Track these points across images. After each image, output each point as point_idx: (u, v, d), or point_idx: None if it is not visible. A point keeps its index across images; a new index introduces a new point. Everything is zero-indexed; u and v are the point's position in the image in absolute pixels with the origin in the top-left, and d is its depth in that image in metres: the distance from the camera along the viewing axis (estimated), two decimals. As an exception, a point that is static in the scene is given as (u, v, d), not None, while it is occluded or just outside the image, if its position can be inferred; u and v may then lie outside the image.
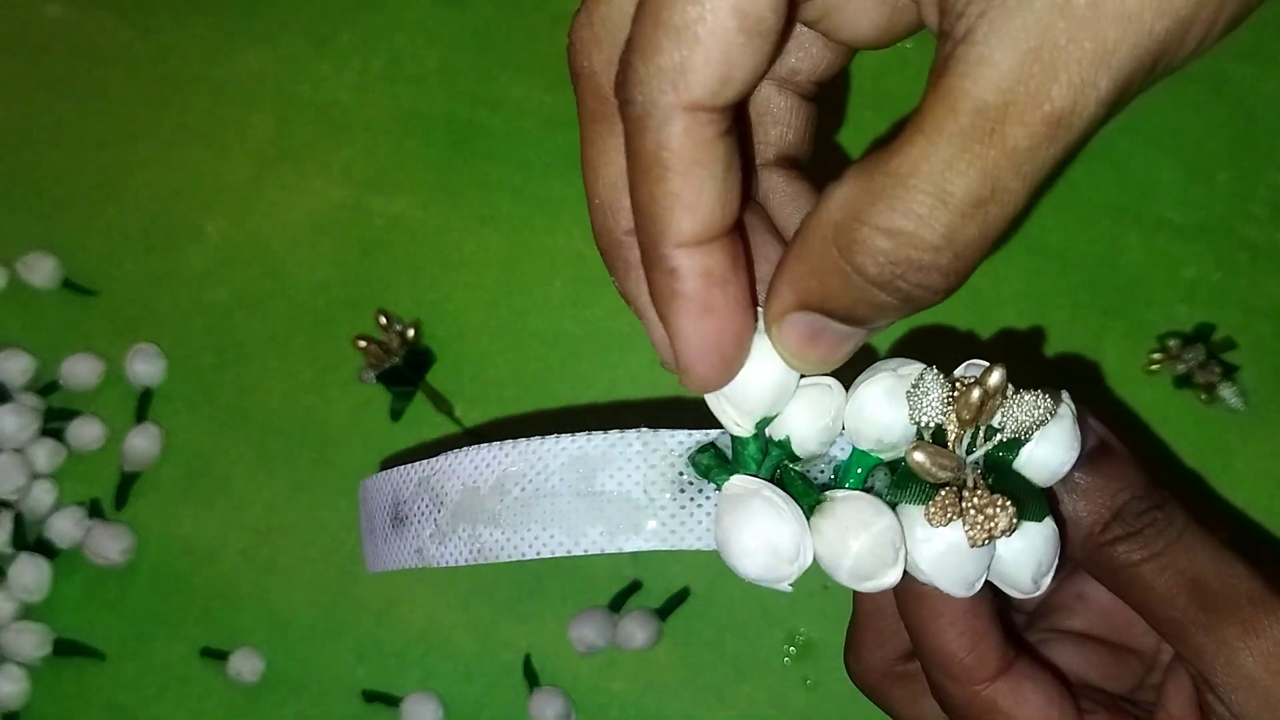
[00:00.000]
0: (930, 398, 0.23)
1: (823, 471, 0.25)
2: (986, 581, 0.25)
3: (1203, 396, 0.44)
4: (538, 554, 0.25)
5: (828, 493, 0.24)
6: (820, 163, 0.47)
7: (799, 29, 0.27)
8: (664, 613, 0.44)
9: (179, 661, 0.45)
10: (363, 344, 0.46)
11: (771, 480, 0.24)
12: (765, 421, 0.25)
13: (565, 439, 0.25)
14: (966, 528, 0.23)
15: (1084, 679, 0.29)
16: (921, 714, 0.29)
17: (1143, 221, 0.47)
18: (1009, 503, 0.23)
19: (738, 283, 0.24)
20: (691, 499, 0.25)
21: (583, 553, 0.24)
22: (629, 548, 0.24)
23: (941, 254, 0.21)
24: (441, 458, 0.26)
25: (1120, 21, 0.19)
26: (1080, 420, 0.25)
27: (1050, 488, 0.26)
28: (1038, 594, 0.25)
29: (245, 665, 0.45)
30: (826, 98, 0.28)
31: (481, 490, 0.25)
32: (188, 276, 0.49)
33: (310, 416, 0.47)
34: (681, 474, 0.25)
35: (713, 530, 0.24)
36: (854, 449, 0.25)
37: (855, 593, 0.30)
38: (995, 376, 0.23)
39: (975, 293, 0.46)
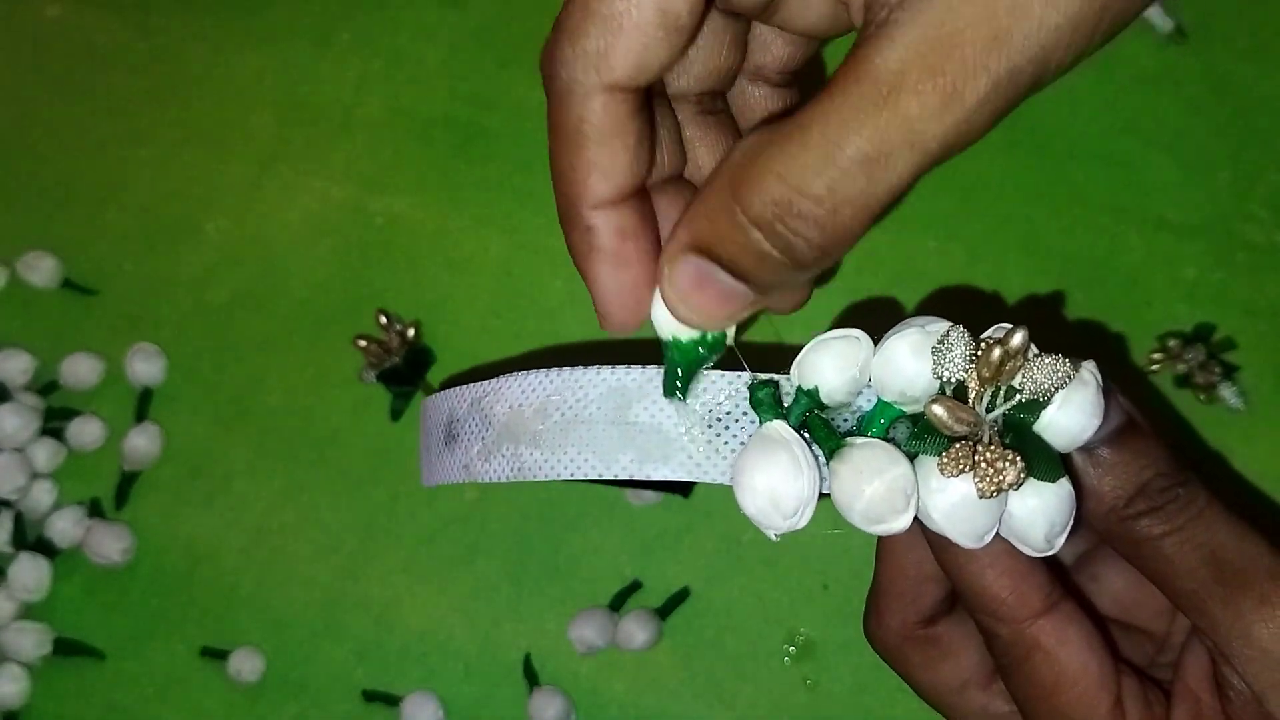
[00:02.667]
0: (954, 354, 0.24)
1: (846, 420, 0.26)
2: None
3: (1202, 396, 0.44)
4: (572, 475, 0.26)
5: (849, 439, 0.25)
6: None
7: (759, 28, 0.28)
8: (664, 613, 0.44)
9: (179, 661, 0.45)
10: (363, 344, 0.46)
11: (800, 425, 0.26)
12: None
13: (606, 370, 0.27)
14: (976, 479, 0.24)
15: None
16: (939, 678, 0.30)
17: (1143, 221, 0.47)
18: (1018, 457, 0.24)
19: (646, 237, 0.26)
20: (719, 435, 0.26)
21: (614, 476, 0.26)
22: (657, 475, 0.26)
23: (822, 204, 0.22)
24: (493, 381, 0.28)
25: (1015, 13, 0.21)
26: (1107, 395, 0.26)
27: (1074, 462, 0.26)
28: (1051, 552, 0.25)
29: (245, 665, 0.45)
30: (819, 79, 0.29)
31: (526, 413, 0.27)
32: (188, 276, 0.49)
33: (310, 416, 0.47)
34: (711, 411, 0.26)
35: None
36: (879, 400, 0.26)
37: (878, 556, 0.31)
38: (1017, 338, 0.24)
39: (976, 294, 0.46)
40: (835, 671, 0.44)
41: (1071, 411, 0.25)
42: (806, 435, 0.26)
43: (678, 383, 0.26)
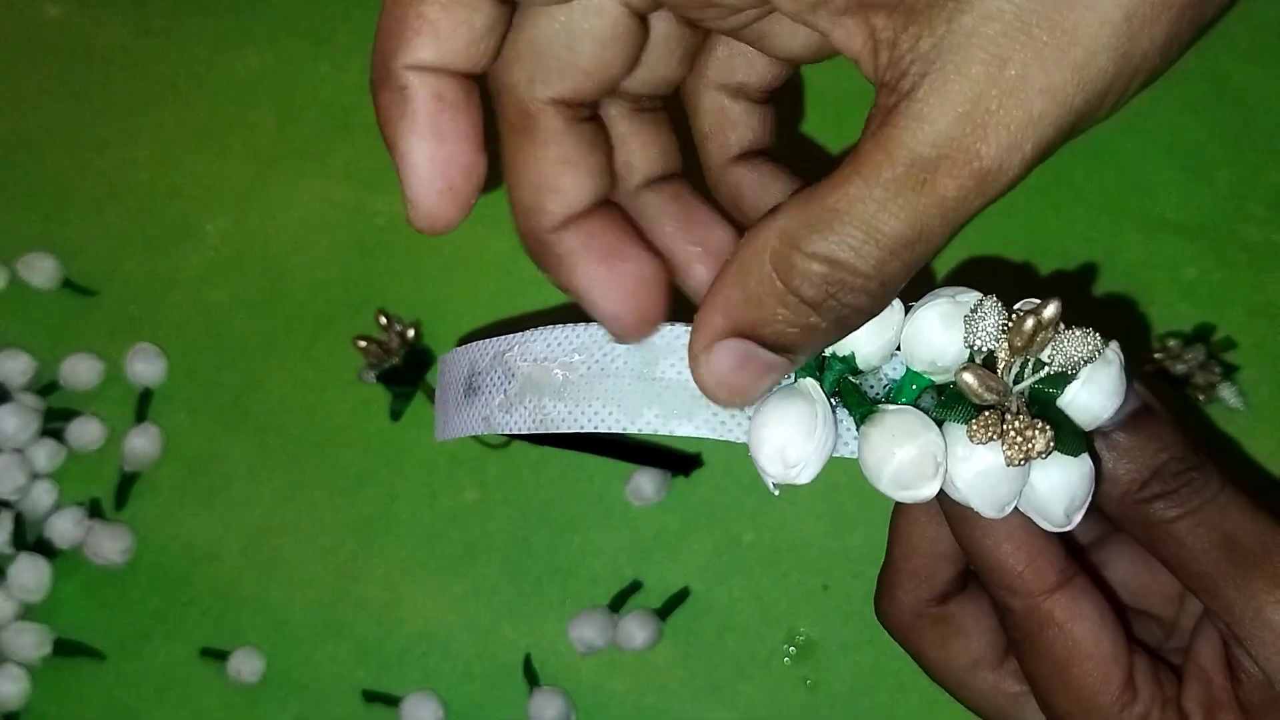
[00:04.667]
0: (987, 322, 0.25)
1: (871, 388, 0.26)
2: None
3: (1201, 397, 0.44)
4: (595, 427, 0.26)
5: (880, 405, 0.25)
6: (815, 160, 0.47)
7: (740, 46, 0.28)
8: (664, 613, 0.44)
9: (179, 661, 0.45)
10: (363, 344, 0.46)
11: (834, 390, 0.26)
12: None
13: None
14: (1005, 446, 0.24)
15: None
16: (950, 656, 0.30)
17: (1143, 221, 0.47)
18: (1048, 426, 0.24)
19: (470, 116, 0.24)
20: None
21: (637, 430, 0.26)
22: (680, 432, 0.26)
23: (871, 281, 0.23)
24: (518, 335, 0.28)
25: (1046, 94, 0.21)
26: (1125, 377, 0.26)
27: (1091, 444, 0.26)
28: (1069, 527, 0.26)
29: (245, 665, 0.45)
30: (819, 90, 0.29)
31: (551, 365, 0.27)
32: (188, 276, 0.49)
33: (310, 416, 0.47)
34: None
35: None
36: (907, 370, 0.26)
37: (891, 533, 0.31)
38: (1051, 308, 0.24)
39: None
40: (835, 671, 0.44)
41: (1094, 390, 0.25)
42: (837, 401, 0.26)
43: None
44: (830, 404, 0.25)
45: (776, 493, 0.25)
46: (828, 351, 0.26)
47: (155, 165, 0.50)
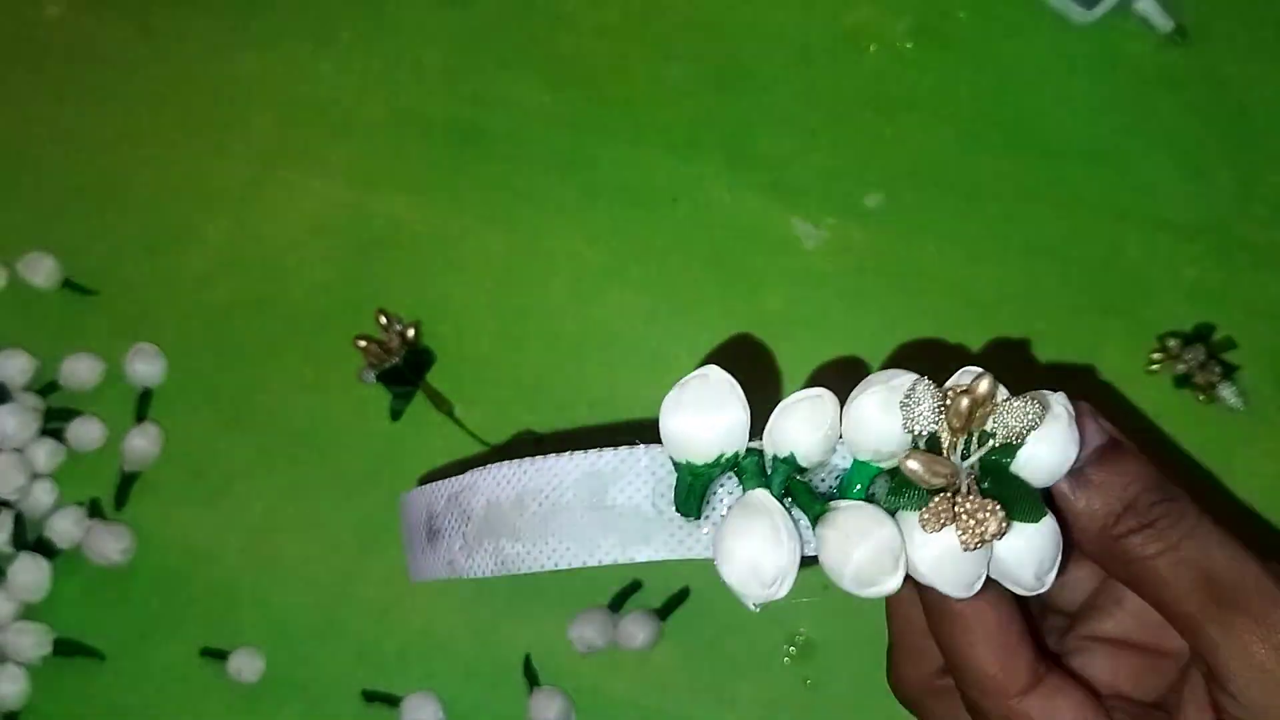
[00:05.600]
0: (922, 407, 0.24)
1: (824, 480, 0.26)
2: (1018, 598, 0.26)
3: (1201, 397, 0.44)
4: (556, 565, 0.26)
5: (832, 503, 0.25)
6: (815, 167, 0.47)
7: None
8: (664, 613, 0.44)
9: (179, 661, 0.45)
10: (363, 344, 0.46)
11: (782, 495, 0.25)
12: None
13: (579, 455, 0.26)
14: (959, 532, 0.24)
15: (1116, 688, 0.29)
16: None
17: (1143, 221, 0.47)
18: (999, 506, 0.24)
19: None
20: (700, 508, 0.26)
21: (597, 563, 0.26)
22: (640, 558, 0.26)
23: None
24: (468, 474, 0.27)
25: None
26: (1085, 419, 0.26)
27: (1061, 485, 0.26)
28: (1043, 590, 0.25)
29: (245, 665, 0.45)
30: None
31: (504, 505, 0.27)
32: (188, 277, 0.49)
33: (310, 416, 0.47)
34: None
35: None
36: (854, 460, 0.26)
37: (888, 612, 0.31)
38: (984, 384, 0.24)
39: (976, 294, 0.46)
40: (835, 671, 0.44)
41: (1047, 447, 0.25)
42: (789, 501, 0.26)
43: (692, 500, 0.26)
44: (785, 506, 0.25)
45: (757, 610, 0.25)
46: (769, 454, 0.26)
47: (155, 165, 0.50)
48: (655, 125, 0.49)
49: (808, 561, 0.25)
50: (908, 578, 0.25)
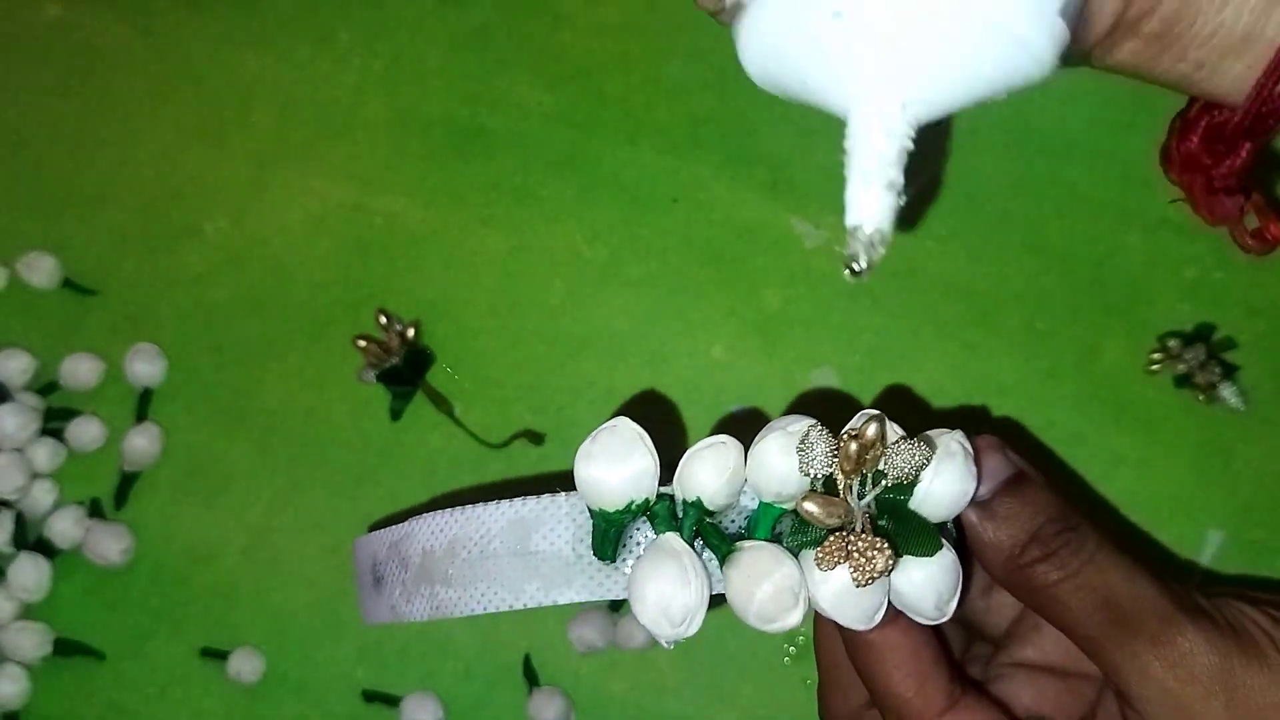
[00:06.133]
0: (816, 451, 0.26)
1: (734, 521, 0.27)
2: (933, 626, 0.28)
3: (1201, 397, 0.44)
4: (484, 609, 0.27)
5: (738, 544, 0.27)
6: (815, 167, 0.47)
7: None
8: (664, 613, 0.44)
9: (179, 661, 0.45)
10: (363, 344, 0.46)
11: (693, 537, 0.27)
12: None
13: (504, 504, 0.28)
14: (850, 569, 0.25)
15: (1039, 712, 0.31)
16: None
17: (1143, 221, 0.47)
18: (886, 544, 0.25)
19: None
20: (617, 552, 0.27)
21: (523, 606, 0.27)
22: (562, 600, 0.27)
23: None
24: (407, 523, 0.29)
25: None
26: (987, 454, 0.28)
27: (970, 517, 0.28)
28: (944, 619, 0.27)
29: (245, 665, 0.45)
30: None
31: (437, 553, 0.28)
32: (188, 276, 0.49)
33: (310, 416, 0.47)
34: None
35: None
36: (760, 501, 0.27)
37: (815, 648, 0.32)
38: (871, 429, 0.25)
39: (975, 293, 0.46)
40: (835, 671, 0.44)
41: (944, 483, 0.27)
42: (699, 544, 0.27)
43: (607, 545, 0.27)
44: (696, 548, 0.26)
45: (670, 648, 0.26)
46: (679, 498, 0.27)
47: (155, 165, 0.50)
48: (655, 124, 0.49)
49: (718, 600, 0.27)
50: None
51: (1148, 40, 0.26)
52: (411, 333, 0.47)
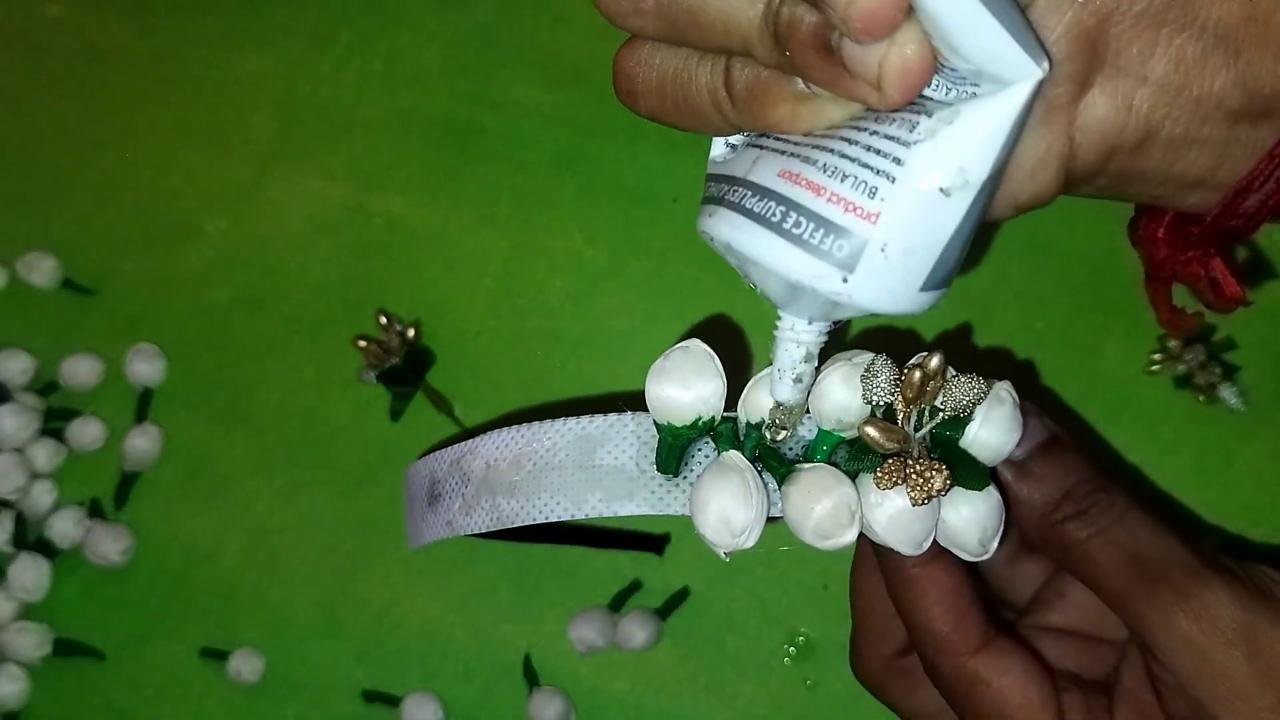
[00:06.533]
0: (880, 379, 0.27)
1: (791, 449, 0.28)
2: (971, 568, 0.29)
3: (1201, 397, 0.44)
4: (546, 518, 0.28)
5: (797, 465, 0.28)
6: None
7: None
8: (664, 613, 0.44)
9: (179, 661, 0.45)
10: (363, 344, 0.46)
11: (753, 459, 0.28)
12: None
13: (571, 421, 0.29)
14: (908, 489, 0.26)
15: (1062, 668, 0.31)
16: (918, 704, 0.32)
17: (1143, 221, 0.47)
18: (944, 466, 0.26)
19: None
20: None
21: (584, 516, 0.28)
22: (624, 511, 0.28)
23: None
24: (470, 441, 0.30)
25: None
26: (1028, 413, 0.29)
27: (1006, 476, 0.29)
28: (987, 556, 0.28)
29: (245, 665, 0.45)
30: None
31: (501, 466, 0.29)
32: (188, 276, 0.49)
33: (310, 416, 0.47)
34: None
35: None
36: (819, 429, 0.28)
37: (851, 596, 0.33)
38: (934, 360, 0.27)
39: (975, 293, 0.46)
40: (835, 671, 0.44)
41: (992, 428, 0.28)
42: (759, 465, 0.28)
43: (671, 460, 0.28)
44: (756, 469, 0.27)
45: (728, 559, 0.27)
46: (742, 421, 0.28)
47: (155, 165, 0.50)
48: (655, 124, 0.49)
49: (774, 520, 0.27)
50: (869, 544, 0.27)
51: (1110, 179, 0.29)
52: (411, 333, 0.47)
